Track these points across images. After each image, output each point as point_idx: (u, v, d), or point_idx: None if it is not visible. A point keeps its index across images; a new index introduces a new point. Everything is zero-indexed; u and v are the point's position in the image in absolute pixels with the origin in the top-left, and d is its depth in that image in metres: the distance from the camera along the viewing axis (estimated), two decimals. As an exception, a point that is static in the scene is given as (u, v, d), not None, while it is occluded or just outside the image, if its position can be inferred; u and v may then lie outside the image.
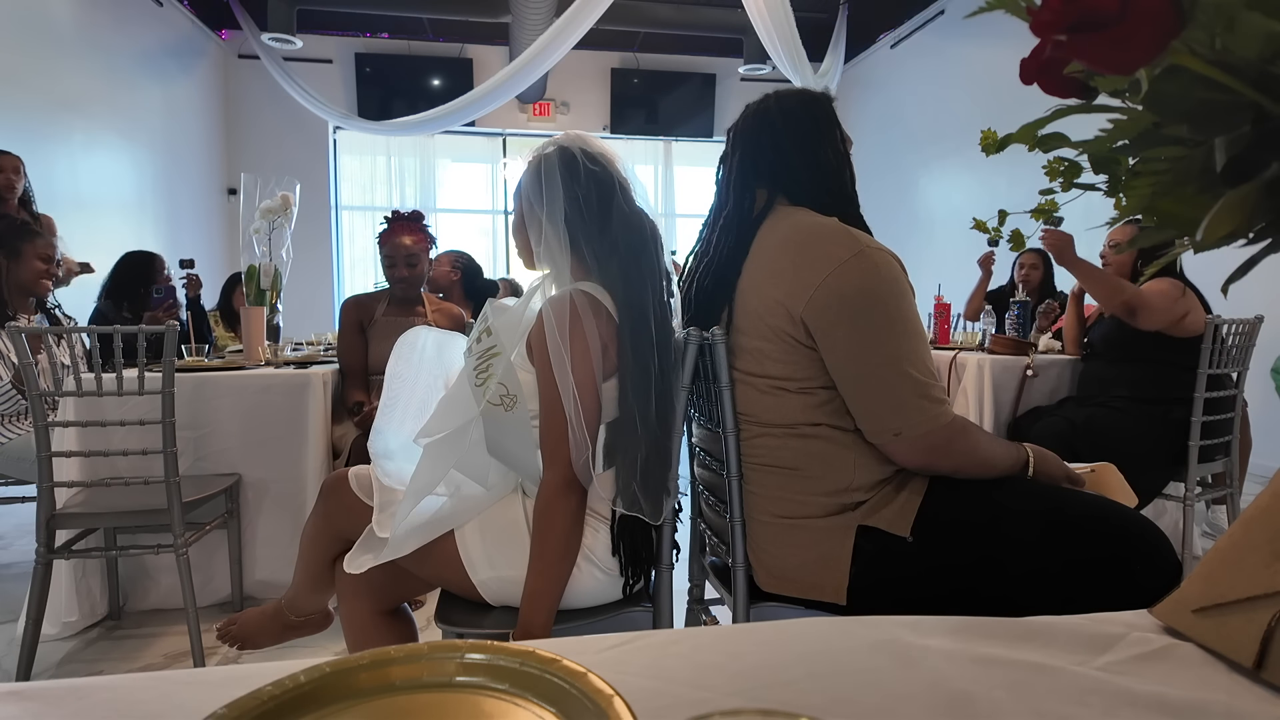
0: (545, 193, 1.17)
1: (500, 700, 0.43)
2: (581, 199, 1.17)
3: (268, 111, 7.25)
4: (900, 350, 1.06)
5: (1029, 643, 0.57)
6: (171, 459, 1.80)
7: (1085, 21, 0.30)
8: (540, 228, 1.18)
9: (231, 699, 0.41)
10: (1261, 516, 0.56)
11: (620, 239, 1.18)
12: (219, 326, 3.70)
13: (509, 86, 6.40)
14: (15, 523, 3.16)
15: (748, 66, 7.37)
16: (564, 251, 1.18)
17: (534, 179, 1.19)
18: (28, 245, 2.59)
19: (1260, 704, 0.49)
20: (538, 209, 1.18)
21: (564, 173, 1.18)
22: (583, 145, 1.21)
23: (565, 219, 1.17)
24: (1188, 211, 0.36)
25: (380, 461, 1.26)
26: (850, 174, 1.24)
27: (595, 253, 1.18)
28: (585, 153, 1.20)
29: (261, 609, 1.47)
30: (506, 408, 1.13)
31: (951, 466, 1.10)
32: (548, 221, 1.17)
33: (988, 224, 1.12)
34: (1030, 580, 1.02)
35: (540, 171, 1.18)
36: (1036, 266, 3.67)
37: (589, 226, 1.18)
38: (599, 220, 1.18)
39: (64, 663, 1.97)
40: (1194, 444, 2.26)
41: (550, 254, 1.19)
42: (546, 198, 1.17)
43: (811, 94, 1.26)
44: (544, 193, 1.17)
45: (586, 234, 1.18)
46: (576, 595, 1.16)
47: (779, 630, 0.62)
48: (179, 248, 5.53)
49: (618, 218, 1.18)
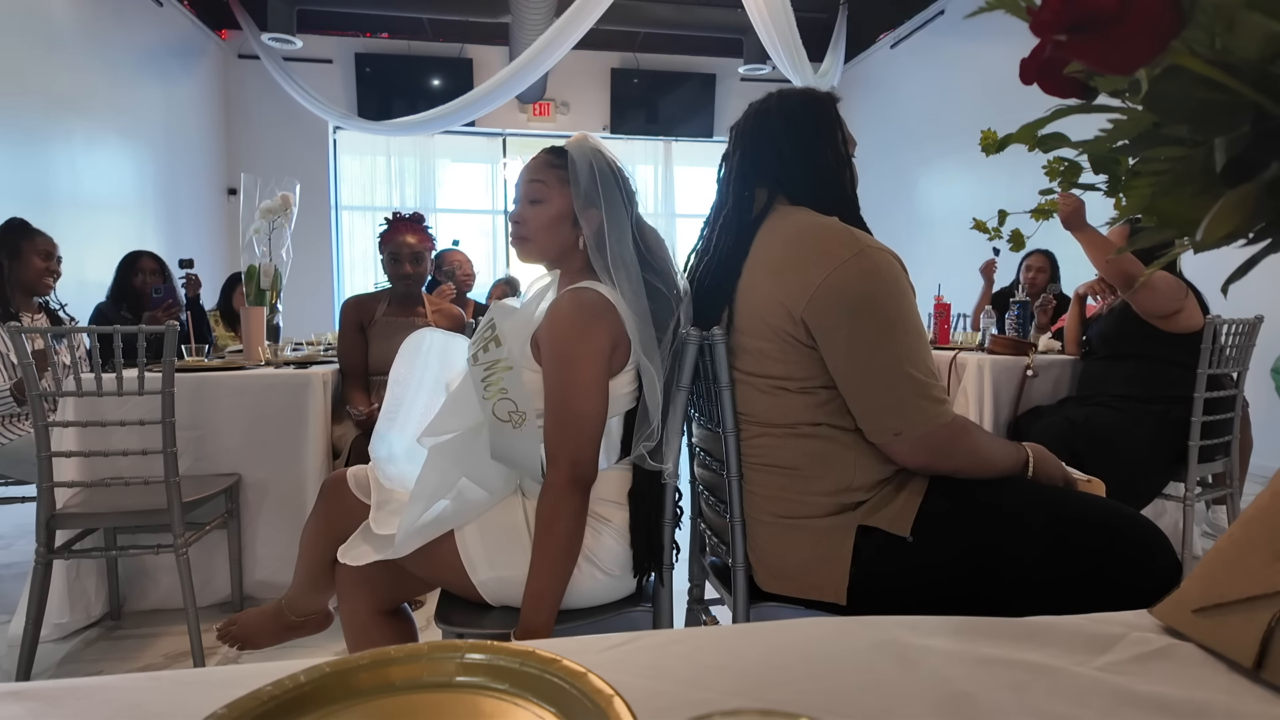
0: (603, 191, 1.19)
1: (500, 700, 0.43)
2: (623, 202, 1.21)
3: (268, 111, 7.24)
4: (901, 350, 1.06)
5: (1029, 643, 0.57)
6: (171, 459, 1.80)
7: (1085, 21, 0.30)
8: (600, 227, 1.19)
9: (231, 699, 0.41)
10: (1261, 516, 0.56)
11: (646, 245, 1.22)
12: (219, 326, 3.71)
13: (509, 86, 6.40)
14: (15, 523, 3.16)
15: (748, 66, 7.37)
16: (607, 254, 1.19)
17: (590, 177, 1.20)
18: (27, 243, 2.60)
19: (1260, 704, 0.49)
20: (596, 208, 1.19)
21: (614, 172, 1.21)
22: (609, 152, 1.24)
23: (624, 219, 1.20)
24: (1188, 211, 0.36)
25: (382, 465, 1.26)
26: (851, 175, 1.23)
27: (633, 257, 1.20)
28: (613, 159, 1.24)
29: (261, 609, 1.47)
30: (515, 424, 1.13)
31: (952, 467, 1.10)
32: (609, 220, 1.18)
33: (988, 224, 1.13)
34: (1030, 580, 1.02)
35: (594, 170, 1.20)
36: (1044, 269, 3.68)
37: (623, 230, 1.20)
38: (629, 224, 1.21)
39: (64, 663, 1.97)
40: (1194, 444, 2.26)
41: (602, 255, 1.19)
42: (604, 196, 1.19)
43: (814, 94, 1.25)
44: (600, 191, 1.19)
45: (628, 238, 1.20)
46: (577, 596, 1.16)
47: (779, 630, 0.62)
48: (179, 248, 5.54)
49: (639, 224, 1.23)
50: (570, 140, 1.24)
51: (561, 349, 1.12)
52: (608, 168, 1.21)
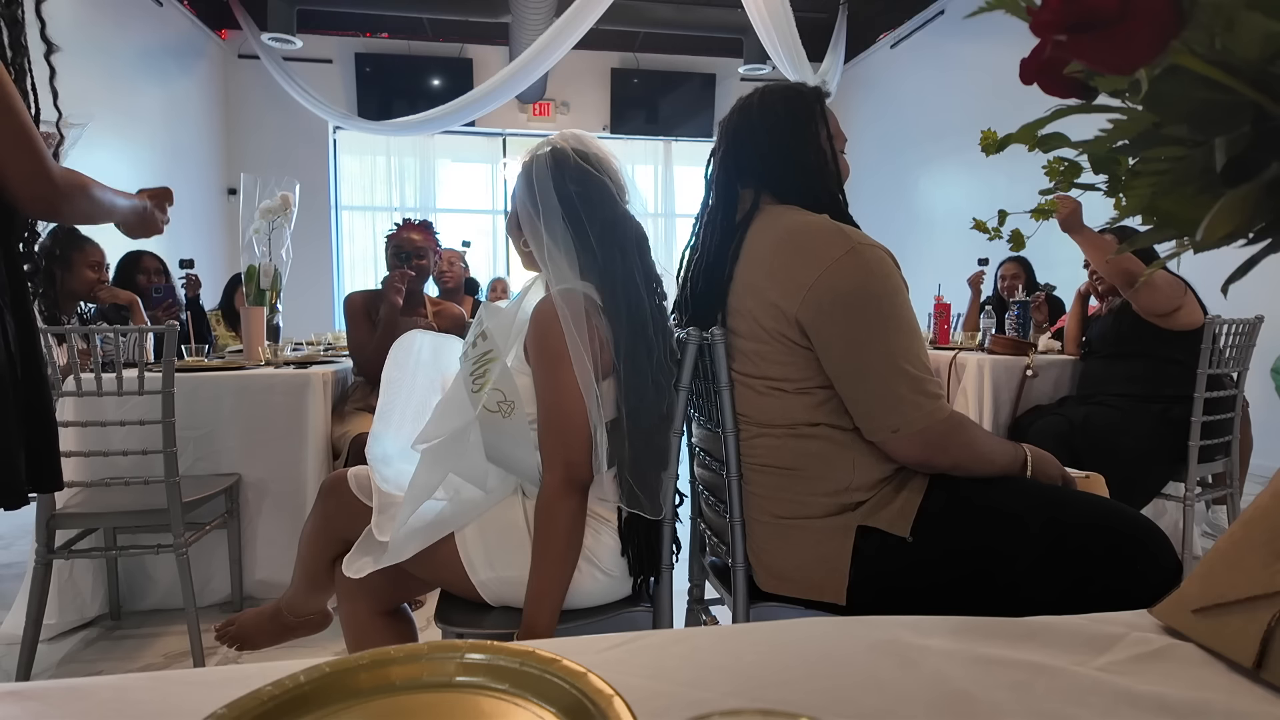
0: (538, 193, 1.17)
1: (500, 700, 0.43)
2: (575, 197, 1.17)
3: (268, 111, 7.24)
4: (895, 346, 1.06)
5: (1029, 643, 0.57)
6: (171, 459, 1.80)
7: (1085, 21, 0.30)
8: (535, 229, 1.18)
9: (231, 699, 0.41)
10: (1261, 516, 0.56)
11: (610, 239, 1.18)
12: (220, 326, 3.70)
13: (509, 86, 6.40)
14: (15, 523, 3.16)
15: (748, 66, 7.36)
16: (559, 252, 1.18)
17: (525, 181, 1.19)
18: (78, 254, 2.65)
19: (1260, 704, 0.48)
20: (532, 210, 1.18)
21: (555, 172, 1.18)
22: (577, 144, 1.21)
23: (561, 218, 1.17)
24: (1188, 211, 0.36)
25: (378, 467, 1.26)
26: (834, 172, 1.21)
27: (585, 252, 1.18)
28: (578, 151, 1.20)
29: (260, 610, 1.47)
30: (504, 414, 1.13)
31: (950, 463, 1.10)
32: (543, 222, 1.17)
33: (987, 224, 1.12)
34: (1030, 580, 1.02)
35: (531, 173, 1.18)
36: (1018, 276, 3.80)
37: (580, 226, 1.17)
38: (588, 220, 1.17)
39: (64, 663, 1.97)
40: (1194, 444, 2.26)
41: (547, 255, 1.18)
42: (540, 198, 1.17)
43: (797, 90, 1.23)
44: (536, 193, 1.17)
45: (578, 233, 1.17)
46: (577, 596, 1.16)
47: (779, 630, 0.62)
48: (179, 248, 5.52)
49: (607, 218, 1.18)
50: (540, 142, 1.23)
51: (547, 349, 1.12)
52: (548, 164, 1.18)
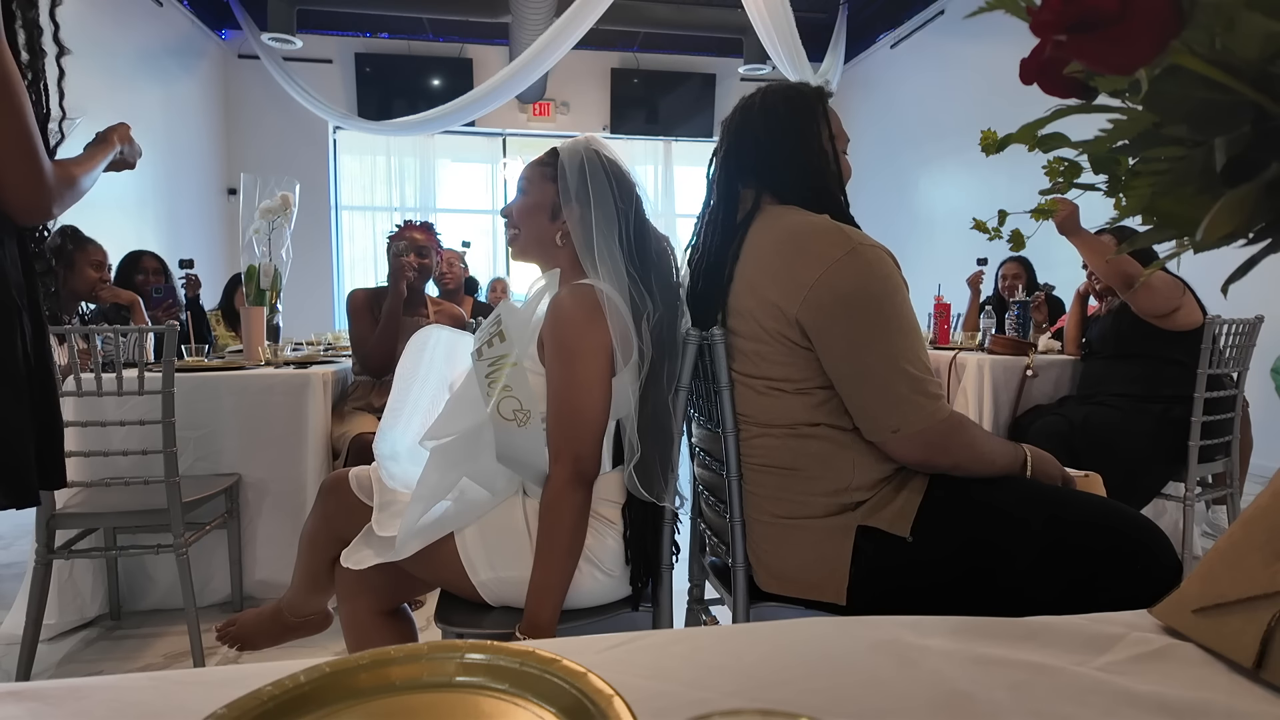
0: (592, 188, 1.18)
1: (500, 700, 0.43)
2: (614, 199, 1.19)
3: (268, 111, 7.24)
4: (895, 347, 1.06)
5: (1029, 643, 0.56)
6: (171, 459, 1.80)
7: (1085, 21, 0.30)
8: (586, 222, 1.18)
9: (231, 699, 0.41)
10: (1261, 516, 0.56)
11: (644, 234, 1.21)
12: (220, 326, 3.70)
13: (509, 86, 6.40)
14: (15, 523, 3.16)
15: (748, 66, 7.36)
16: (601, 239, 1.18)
17: (579, 174, 1.19)
18: (80, 254, 2.66)
19: (1260, 704, 0.48)
20: (582, 203, 1.18)
21: (608, 172, 1.20)
22: (604, 150, 1.23)
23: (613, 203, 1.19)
24: (1188, 211, 0.36)
25: (385, 463, 1.26)
26: (835, 173, 1.21)
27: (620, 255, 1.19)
28: (612, 160, 1.22)
29: (260, 610, 1.47)
30: (520, 423, 1.12)
31: (950, 463, 1.10)
32: (594, 208, 1.18)
33: (987, 224, 1.12)
34: (1030, 580, 1.02)
35: (582, 160, 1.19)
36: (1018, 276, 3.79)
37: (624, 221, 1.19)
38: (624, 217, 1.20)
39: (64, 663, 1.97)
40: (1194, 444, 2.26)
41: (597, 241, 1.18)
42: (594, 193, 1.18)
43: (798, 90, 1.24)
44: (590, 188, 1.18)
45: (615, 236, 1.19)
46: (578, 596, 1.16)
47: (779, 630, 0.62)
48: (179, 248, 5.53)
49: (643, 226, 1.22)
50: (568, 140, 1.25)
51: (563, 344, 1.12)
52: (599, 164, 1.20)
